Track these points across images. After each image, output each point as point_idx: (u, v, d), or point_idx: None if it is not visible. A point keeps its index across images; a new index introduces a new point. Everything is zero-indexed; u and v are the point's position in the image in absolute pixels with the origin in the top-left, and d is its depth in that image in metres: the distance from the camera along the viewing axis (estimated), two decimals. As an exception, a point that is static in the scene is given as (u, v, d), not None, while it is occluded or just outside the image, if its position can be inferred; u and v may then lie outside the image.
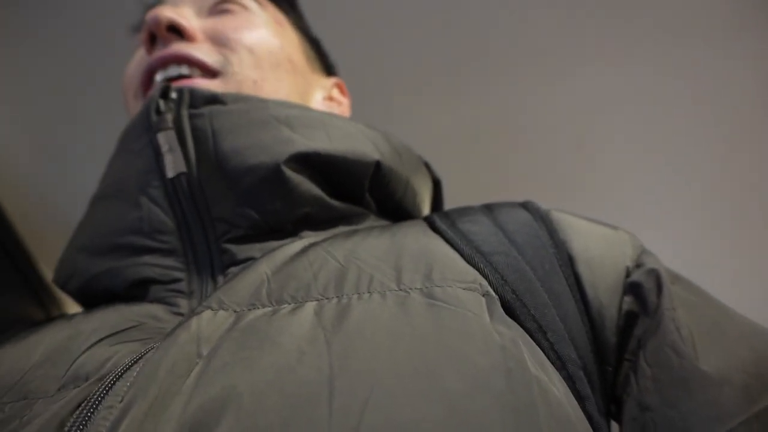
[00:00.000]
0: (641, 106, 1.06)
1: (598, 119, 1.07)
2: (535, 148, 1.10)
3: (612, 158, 1.09)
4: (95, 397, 0.25)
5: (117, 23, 0.67)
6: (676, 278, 0.37)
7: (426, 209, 0.51)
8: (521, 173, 1.09)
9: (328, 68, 0.61)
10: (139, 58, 0.51)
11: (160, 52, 0.47)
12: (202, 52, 0.47)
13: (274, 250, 0.36)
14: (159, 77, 0.46)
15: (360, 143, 0.43)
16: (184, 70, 0.46)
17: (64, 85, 0.99)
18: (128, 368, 0.26)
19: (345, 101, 0.60)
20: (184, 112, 0.41)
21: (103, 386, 0.25)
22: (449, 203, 0.53)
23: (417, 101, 1.01)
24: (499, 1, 1.00)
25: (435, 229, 0.37)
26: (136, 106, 0.49)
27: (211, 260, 0.38)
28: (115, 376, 0.26)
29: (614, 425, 0.33)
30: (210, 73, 0.46)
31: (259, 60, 0.48)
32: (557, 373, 0.28)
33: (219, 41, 0.48)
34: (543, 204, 0.41)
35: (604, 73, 1.04)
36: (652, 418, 0.29)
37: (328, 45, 0.62)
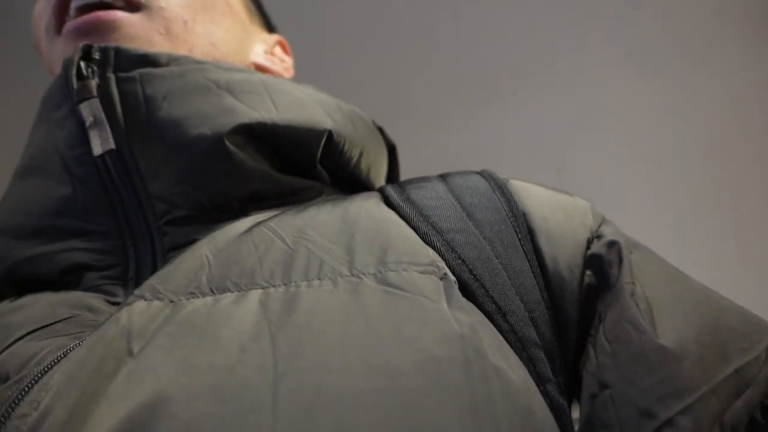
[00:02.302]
0: (619, 125, 1.07)
1: (578, 141, 1.08)
2: (515, 174, 1.10)
3: (593, 180, 1.09)
4: (8, 403, 0.22)
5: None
6: (635, 246, 0.36)
7: (382, 178, 0.49)
8: None
9: (269, 25, 0.56)
10: None
11: None
12: None
13: (217, 228, 0.34)
14: (75, 4, 0.41)
15: (310, 110, 0.40)
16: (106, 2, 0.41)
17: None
18: (50, 368, 0.24)
19: (288, 60, 0.55)
20: (110, 76, 0.37)
21: (19, 390, 0.23)
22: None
23: (394, 132, 1.01)
24: (474, 27, 0.98)
25: (390, 204, 0.36)
26: (51, 48, 0.44)
27: (151, 243, 0.35)
28: (33, 378, 0.23)
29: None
30: (132, 5, 0.41)
31: None
32: (517, 357, 0.27)
33: None
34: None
35: (581, 94, 1.05)
36: (610, 396, 0.29)
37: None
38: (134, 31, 0.41)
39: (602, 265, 0.33)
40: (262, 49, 0.52)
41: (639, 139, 1.06)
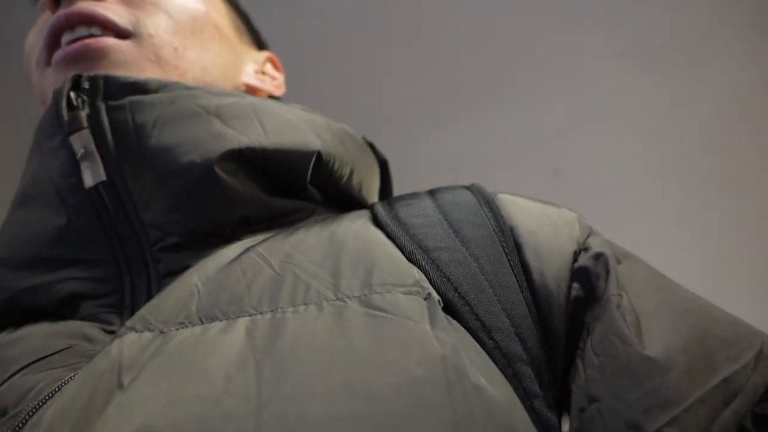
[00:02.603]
0: (615, 126, 1.06)
1: (575, 140, 1.07)
2: (511, 175, 1.09)
3: (591, 179, 1.08)
4: None
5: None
6: (625, 256, 0.36)
7: (374, 194, 0.49)
8: None
9: (259, 43, 0.56)
10: (42, 22, 0.46)
11: (65, 9, 0.42)
12: (112, 11, 0.42)
13: (208, 256, 0.34)
14: (65, 39, 0.42)
15: (299, 132, 0.40)
16: (96, 31, 0.42)
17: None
18: (44, 402, 0.25)
19: (279, 77, 0.55)
20: (100, 105, 0.37)
21: (13, 427, 0.23)
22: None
23: (390, 134, 1.00)
24: (470, 26, 0.98)
25: (377, 223, 0.36)
26: (42, 78, 0.44)
27: (146, 270, 0.36)
28: (27, 413, 0.24)
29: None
30: (121, 34, 0.42)
31: (179, 24, 0.44)
32: (501, 375, 0.28)
33: (132, 3, 0.43)
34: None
35: (577, 95, 1.04)
36: (598, 409, 0.29)
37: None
38: (123, 57, 0.41)
39: (589, 278, 0.33)
40: (253, 68, 0.52)
41: (636, 138, 1.05)
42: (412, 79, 1.02)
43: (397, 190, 0.50)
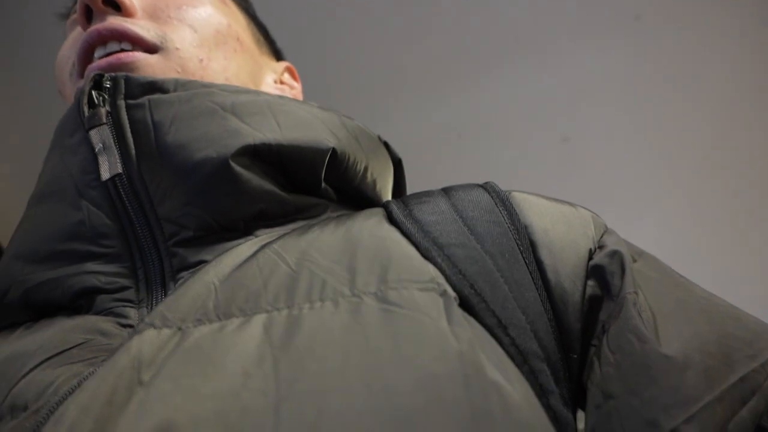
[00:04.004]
0: (626, 93, 1.03)
1: (583, 109, 1.04)
2: (519, 143, 1.06)
3: (599, 148, 1.06)
4: None
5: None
6: (639, 254, 0.36)
7: (388, 192, 0.49)
8: (507, 169, 1.07)
9: (277, 53, 0.59)
10: (73, 38, 0.48)
11: (96, 26, 0.44)
12: (140, 27, 0.44)
13: (224, 253, 0.34)
14: (98, 54, 0.44)
15: (313, 129, 0.40)
16: (126, 46, 0.44)
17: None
18: (65, 398, 0.25)
19: (297, 86, 0.58)
20: (121, 103, 0.38)
21: (36, 423, 0.24)
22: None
23: (398, 101, 0.98)
24: None
25: (392, 221, 0.36)
26: (73, 89, 0.46)
27: (161, 265, 0.36)
28: (49, 409, 0.24)
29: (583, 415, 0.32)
30: (150, 49, 0.44)
31: (204, 38, 0.47)
32: (517, 371, 0.28)
33: (159, 18, 0.46)
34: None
35: (587, 61, 1.00)
36: (615, 406, 0.29)
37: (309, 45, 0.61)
38: (152, 70, 0.43)
39: (604, 276, 0.33)
40: (272, 78, 0.55)
41: (646, 107, 1.01)
42: (418, 46, 0.98)
43: (404, 157, 0.50)
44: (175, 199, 0.36)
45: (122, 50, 0.44)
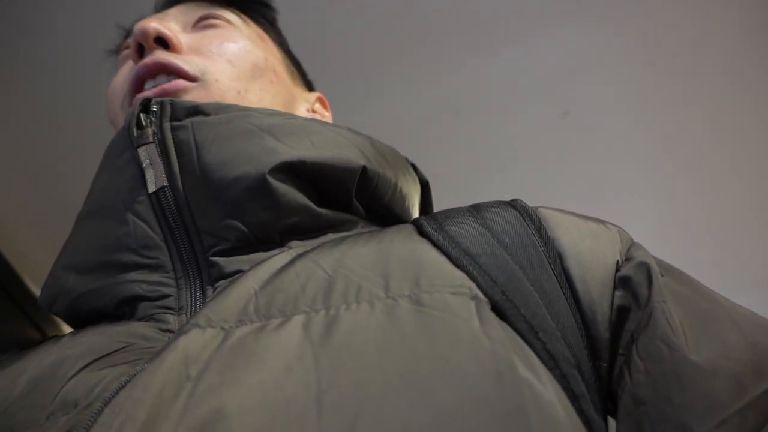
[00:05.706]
0: (626, 67, 0.99)
1: (583, 83, 1.01)
2: (518, 117, 1.04)
3: (599, 122, 1.03)
4: (84, 424, 0.24)
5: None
6: (667, 270, 0.37)
7: (415, 212, 0.51)
8: (506, 144, 1.05)
9: (308, 84, 0.63)
10: (125, 72, 0.53)
11: (146, 60, 0.48)
12: (184, 60, 0.49)
13: (261, 262, 0.36)
14: (148, 86, 0.48)
15: (345, 149, 0.42)
16: (173, 79, 0.48)
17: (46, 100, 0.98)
18: (116, 394, 0.26)
19: (327, 115, 0.61)
20: (166, 125, 0.41)
21: (91, 413, 0.25)
22: (434, 180, 0.53)
23: (393, 77, 0.96)
24: None
25: (422, 233, 0.37)
26: (123, 117, 0.50)
27: (199, 274, 0.38)
28: (103, 402, 0.25)
29: (612, 423, 0.33)
30: (192, 80, 0.48)
31: (241, 71, 0.50)
32: (549, 374, 0.28)
33: (202, 53, 0.50)
34: (527, 175, 0.40)
35: (586, 34, 0.97)
36: (646, 413, 0.29)
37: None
38: (193, 98, 0.47)
39: (632, 286, 0.34)
40: (305, 107, 0.59)
41: (648, 81, 0.99)
42: (414, 19, 0.96)
43: (401, 133, 0.50)
44: (215, 212, 0.38)
45: (169, 82, 0.48)
